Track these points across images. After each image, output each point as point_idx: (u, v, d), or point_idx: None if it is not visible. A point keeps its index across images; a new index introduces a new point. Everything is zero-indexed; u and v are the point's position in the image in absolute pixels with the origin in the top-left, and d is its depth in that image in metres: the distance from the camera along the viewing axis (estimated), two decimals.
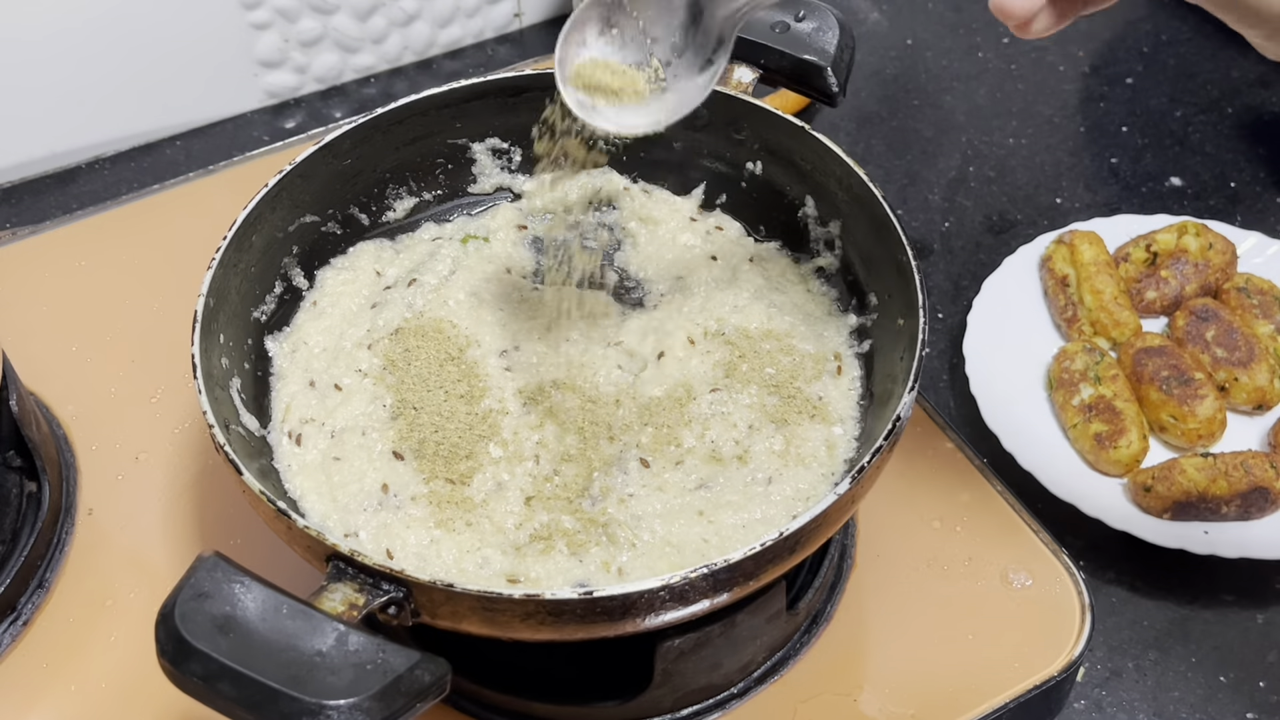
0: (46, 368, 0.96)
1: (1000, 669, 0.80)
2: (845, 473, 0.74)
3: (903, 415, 0.70)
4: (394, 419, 0.79)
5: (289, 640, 0.59)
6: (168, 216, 1.08)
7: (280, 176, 0.83)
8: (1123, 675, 0.86)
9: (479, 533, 0.73)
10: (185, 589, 0.60)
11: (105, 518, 0.88)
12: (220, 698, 0.57)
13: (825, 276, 0.88)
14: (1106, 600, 0.89)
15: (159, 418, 0.94)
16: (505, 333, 0.84)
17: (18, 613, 0.83)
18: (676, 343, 0.83)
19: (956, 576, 0.84)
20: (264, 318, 0.84)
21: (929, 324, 0.74)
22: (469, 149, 0.92)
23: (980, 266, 1.10)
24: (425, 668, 0.59)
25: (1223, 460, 0.89)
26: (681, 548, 0.73)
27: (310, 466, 0.77)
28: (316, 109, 1.26)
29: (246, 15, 1.18)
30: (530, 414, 0.80)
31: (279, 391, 0.81)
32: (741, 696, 0.79)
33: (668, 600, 0.64)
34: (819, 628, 0.82)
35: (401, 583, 0.63)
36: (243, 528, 0.86)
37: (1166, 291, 1.03)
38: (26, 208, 1.16)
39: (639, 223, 0.92)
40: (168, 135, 1.23)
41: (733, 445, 0.78)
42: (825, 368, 0.82)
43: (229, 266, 0.79)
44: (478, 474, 0.76)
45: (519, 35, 1.35)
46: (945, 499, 0.88)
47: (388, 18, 1.26)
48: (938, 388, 1.02)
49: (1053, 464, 0.93)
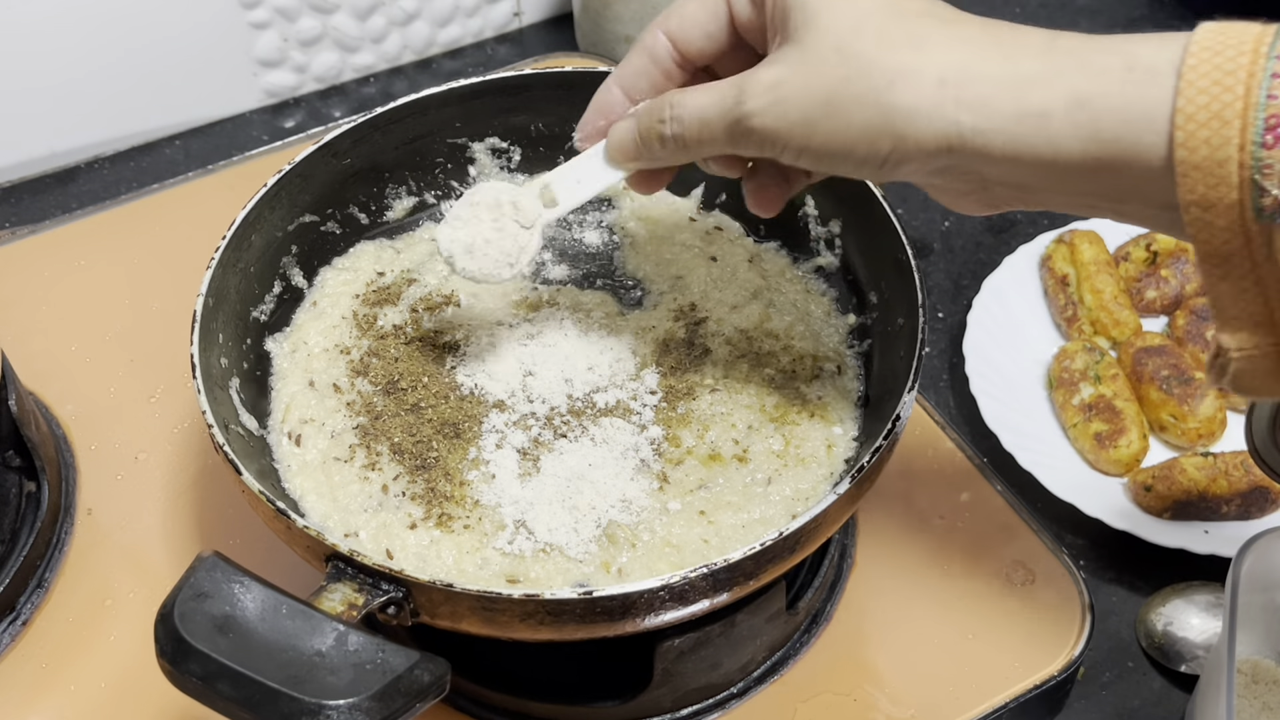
0: (46, 367, 0.96)
1: (1000, 669, 0.80)
2: (845, 473, 0.74)
3: (903, 415, 0.70)
4: (395, 419, 0.79)
5: (288, 640, 0.59)
6: (167, 216, 1.08)
7: (279, 176, 0.83)
8: (1123, 675, 0.85)
9: (479, 533, 0.73)
10: (184, 589, 0.60)
11: (105, 517, 0.88)
12: (219, 698, 0.57)
13: (825, 276, 0.88)
14: (1106, 600, 0.89)
15: (158, 417, 0.94)
16: (505, 333, 0.84)
17: (17, 612, 0.83)
18: (676, 343, 0.83)
19: (956, 576, 0.84)
20: (264, 318, 0.84)
21: (929, 324, 0.74)
22: (469, 148, 0.92)
23: (980, 266, 1.10)
24: (425, 668, 0.59)
25: (1223, 460, 0.89)
26: (681, 548, 0.73)
27: (310, 466, 0.77)
28: (316, 108, 1.26)
29: (246, 14, 1.18)
30: (530, 413, 0.80)
31: (279, 391, 0.81)
32: (741, 696, 0.79)
33: (668, 600, 0.64)
34: (819, 627, 0.82)
35: (401, 583, 0.63)
36: (242, 528, 0.86)
37: (1167, 291, 1.03)
38: (26, 207, 1.16)
39: (638, 222, 0.92)
40: (167, 135, 1.23)
41: (732, 445, 0.78)
42: (825, 368, 0.82)
43: (228, 266, 0.79)
44: (478, 474, 0.76)
45: (518, 35, 1.35)
46: (945, 499, 0.88)
47: (387, 17, 1.26)
48: (938, 388, 1.02)
49: (1053, 464, 0.93)
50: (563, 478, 0.76)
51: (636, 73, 0.69)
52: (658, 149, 0.67)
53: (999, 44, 0.56)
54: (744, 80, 0.61)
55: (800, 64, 0.59)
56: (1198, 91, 0.51)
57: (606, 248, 0.92)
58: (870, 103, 0.57)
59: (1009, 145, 0.55)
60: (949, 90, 0.56)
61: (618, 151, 0.70)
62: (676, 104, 0.65)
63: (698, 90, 0.64)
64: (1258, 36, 0.51)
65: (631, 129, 0.68)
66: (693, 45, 0.68)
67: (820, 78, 0.58)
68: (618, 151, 0.70)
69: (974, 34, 0.57)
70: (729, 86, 0.62)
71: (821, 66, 0.58)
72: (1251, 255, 0.51)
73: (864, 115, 0.57)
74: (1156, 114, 0.52)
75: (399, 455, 0.77)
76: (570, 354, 0.83)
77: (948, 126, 0.56)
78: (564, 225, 0.93)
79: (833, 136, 0.59)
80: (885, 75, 0.57)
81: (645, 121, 0.67)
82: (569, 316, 0.85)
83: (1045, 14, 1.35)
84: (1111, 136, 0.53)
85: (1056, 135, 0.54)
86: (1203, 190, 0.51)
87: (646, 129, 0.67)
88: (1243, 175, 0.50)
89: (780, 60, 0.60)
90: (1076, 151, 0.54)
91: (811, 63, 0.59)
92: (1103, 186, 0.56)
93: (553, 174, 0.74)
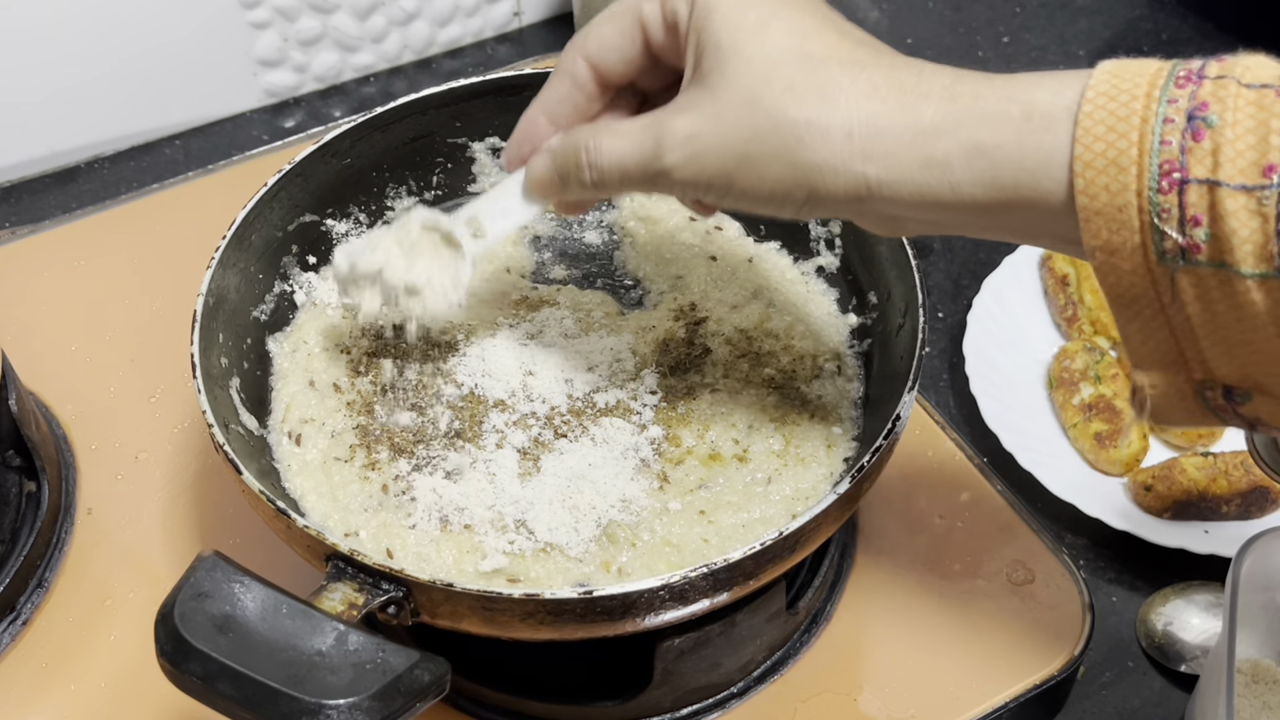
0: (46, 367, 0.96)
1: (1000, 669, 0.80)
2: (845, 472, 0.75)
3: (903, 415, 0.70)
4: (393, 418, 0.79)
5: (288, 640, 0.59)
6: (167, 216, 1.08)
7: (279, 176, 0.83)
8: (1123, 675, 0.85)
9: (478, 533, 0.73)
10: (185, 588, 0.60)
11: (105, 517, 0.88)
12: (220, 697, 0.57)
13: (825, 276, 0.88)
14: (1106, 600, 0.89)
15: (158, 417, 0.94)
16: (505, 333, 0.84)
17: (17, 612, 0.83)
18: (675, 342, 0.83)
19: (956, 576, 0.84)
20: (264, 317, 0.84)
21: (929, 323, 0.74)
22: (468, 148, 0.92)
23: (980, 265, 1.10)
24: (425, 667, 0.59)
25: (1223, 459, 0.89)
26: (681, 547, 0.73)
27: (310, 466, 0.77)
28: (316, 108, 1.26)
29: (245, 14, 1.18)
30: (530, 413, 0.79)
31: (279, 391, 0.81)
32: (741, 696, 0.79)
33: (668, 600, 0.64)
34: (819, 627, 0.82)
35: (401, 582, 0.63)
36: (242, 527, 0.86)
37: None
38: (26, 207, 1.16)
39: (638, 222, 0.92)
40: (167, 135, 1.23)
41: (732, 445, 0.78)
42: (825, 368, 0.82)
43: (228, 266, 0.79)
44: (477, 473, 0.76)
45: (518, 34, 1.35)
46: (945, 499, 0.88)
47: (387, 17, 1.26)
48: (938, 388, 1.02)
49: (1053, 464, 0.93)
50: (563, 477, 0.76)
51: (560, 98, 0.69)
52: (576, 190, 0.68)
53: (901, 93, 0.57)
54: (660, 129, 0.62)
55: (714, 116, 0.60)
56: (1094, 139, 0.52)
57: (606, 247, 0.92)
58: (782, 158, 0.58)
59: (914, 193, 0.57)
60: (855, 144, 0.57)
61: (537, 187, 0.70)
62: (593, 149, 0.65)
63: (614, 135, 0.64)
64: (1151, 79, 0.52)
65: (549, 168, 0.69)
66: (612, 69, 0.68)
67: (733, 131, 0.60)
68: (537, 187, 0.70)
69: (878, 82, 0.58)
70: (645, 135, 0.63)
71: (734, 119, 0.59)
72: (1158, 297, 0.52)
73: (777, 169, 0.59)
74: (1054, 161, 0.53)
75: (399, 455, 0.77)
76: (570, 354, 0.83)
77: (856, 179, 0.58)
78: (564, 225, 0.93)
79: (749, 187, 0.61)
80: (794, 131, 0.58)
81: (562, 163, 0.67)
82: (569, 316, 0.85)
83: (1045, 14, 1.35)
84: (1011, 183, 0.55)
85: (959, 183, 0.56)
86: (1106, 235, 0.52)
87: (564, 170, 0.68)
88: (1143, 220, 0.51)
89: (694, 108, 0.61)
90: (980, 197, 0.56)
91: (724, 115, 0.60)
92: (1010, 224, 0.57)
93: (478, 205, 0.74)
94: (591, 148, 0.65)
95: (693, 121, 0.61)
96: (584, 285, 0.89)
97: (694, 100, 0.61)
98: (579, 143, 0.66)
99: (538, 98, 0.70)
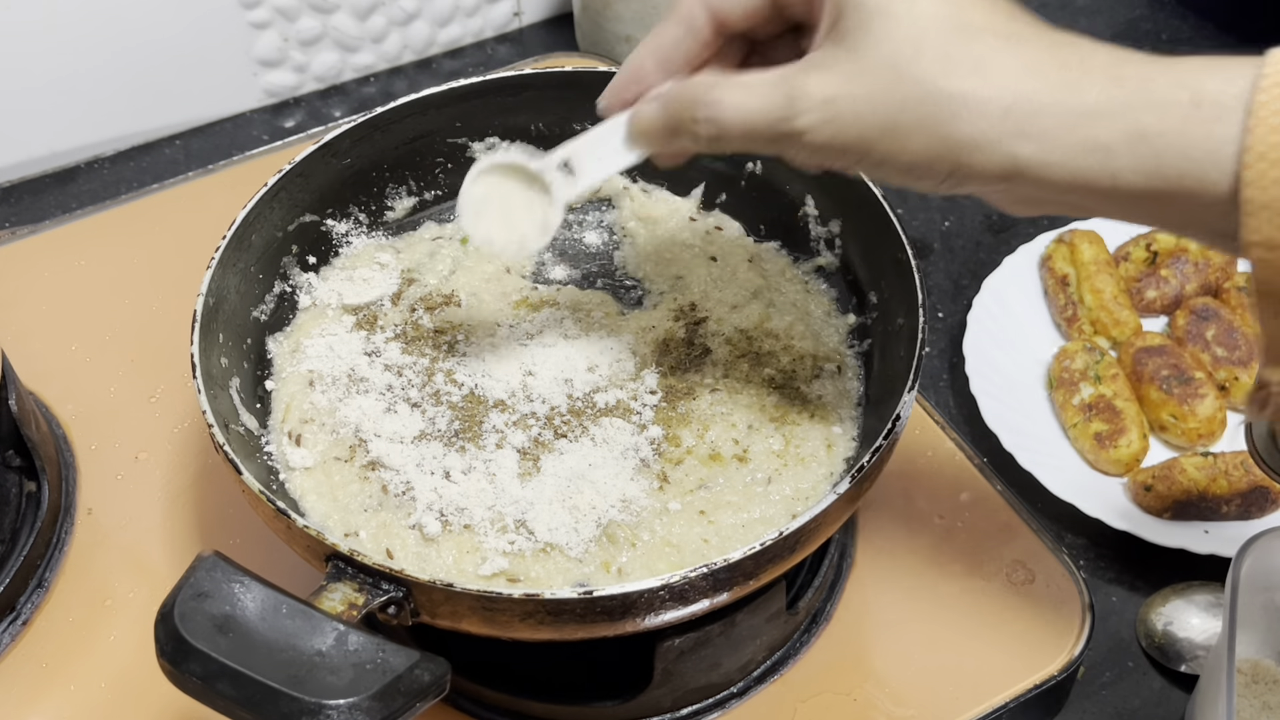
0: (46, 367, 0.96)
1: (1000, 669, 0.80)
2: (845, 472, 0.75)
3: (903, 415, 0.70)
4: (393, 418, 0.79)
5: (288, 640, 0.59)
6: (167, 216, 1.08)
7: (279, 176, 0.83)
8: (1123, 675, 0.85)
9: (478, 533, 0.73)
10: (185, 588, 0.60)
11: (105, 517, 0.88)
12: (220, 697, 0.57)
13: (825, 276, 0.88)
14: (1106, 600, 0.89)
15: (158, 417, 0.94)
16: (505, 333, 0.84)
17: (17, 612, 0.83)
18: (675, 342, 0.83)
19: (956, 576, 0.84)
20: (264, 317, 0.84)
21: (929, 323, 0.74)
22: (468, 148, 0.92)
23: (980, 266, 1.10)
24: (425, 667, 0.59)
25: (1223, 459, 0.89)
26: (681, 547, 0.73)
27: (310, 466, 0.77)
28: (316, 108, 1.26)
29: (246, 14, 1.18)
30: (530, 413, 0.79)
31: (279, 391, 0.81)
32: (741, 696, 0.79)
33: (668, 600, 0.64)
34: (819, 627, 0.82)
35: (401, 582, 0.63)
36: (242, 528, 0.86)
37: (1167, 290, 1.03)
38: (26, 207, 1.16)
39: (638, 222, 0.92)
40: (167, 134, 1.23)
41: (732, 445, 0.78)
42: (825, 368, 0.82)
43: (228, 266, 0.79)
44: (477, 473, 0.76)
45: (518, 34, 1.35)
46: (945, 499, 0.88)
47: (387, 17, 1.26)
48: (938, 387, 1.02)
49: (1053, 464, 0.93)
50: (563, 477, 0.76)
51: (674, 42, 0.65)
52: (688, 142, 0.64)
53: (1064, 71, 0.55)
54: (793, 87, 0.59)
55: (856, 77, 0.57)
56: (1269, 130, 0.50)
57: (606, 248, 0.92)
58: (930, 130, 0.56)
59: (1068, 176, 0.55)
60: (1011, 122, 0.55)
61: (642, 136, 0.67)
62: (714, 102, 0.61)
63: (738, 88, 0.61)
64: None
65: (659, 115, 0.65)
66: (732, 16, 0.65)
67: (879, 98, 0.56)
68: (642, 136, 0.67)
69: (1038, 57, 0.55)
70: (776, 92, 0.59)
71: (879, 85, 0.56)
72: None
73: (923, 141, 0.56)
74: (1223, 152, 0.51)
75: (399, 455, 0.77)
76: (570, 354, 0.83)
77: (1006, 158, 0.55)
78: (564, 225, 0.93)
79: (888, 157, 0.58)
80: (949, 105, 0.55)
81: (677, 112, 0.64)
82: (569, 316, 0.85)
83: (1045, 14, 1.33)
84: (1174, 172, 0.53)
85: (1119, 170, 0.54)
86: (1269, 231, 0.50)
87: (678, 120, 0.64)
88: None
89: (832, 67, 0.58)
90: (1139, 184, 0.54)
91: (868, 79, 0.57)
92: (1162, 214, 0.55)
93: (572, 146, 0.71)
94: (713, 101, 0.61)
95: (831, 83, 0.57)
96: (584, 285, 0.89)
97: (831, 58, 0.58)
98: (695, 95, 0.62)
99: (645, 41, 0.67)
